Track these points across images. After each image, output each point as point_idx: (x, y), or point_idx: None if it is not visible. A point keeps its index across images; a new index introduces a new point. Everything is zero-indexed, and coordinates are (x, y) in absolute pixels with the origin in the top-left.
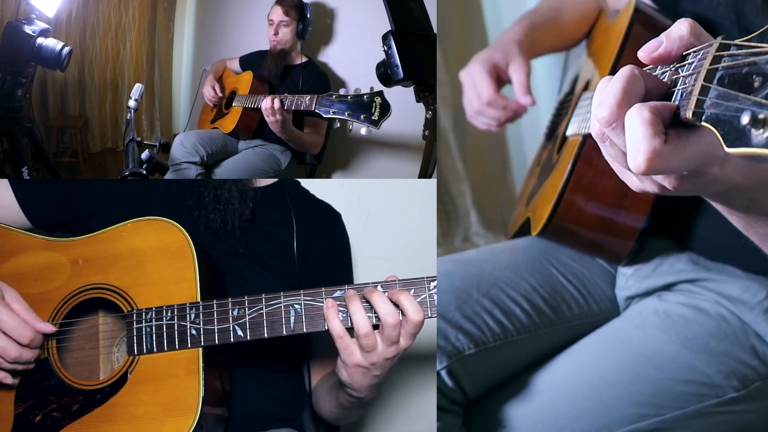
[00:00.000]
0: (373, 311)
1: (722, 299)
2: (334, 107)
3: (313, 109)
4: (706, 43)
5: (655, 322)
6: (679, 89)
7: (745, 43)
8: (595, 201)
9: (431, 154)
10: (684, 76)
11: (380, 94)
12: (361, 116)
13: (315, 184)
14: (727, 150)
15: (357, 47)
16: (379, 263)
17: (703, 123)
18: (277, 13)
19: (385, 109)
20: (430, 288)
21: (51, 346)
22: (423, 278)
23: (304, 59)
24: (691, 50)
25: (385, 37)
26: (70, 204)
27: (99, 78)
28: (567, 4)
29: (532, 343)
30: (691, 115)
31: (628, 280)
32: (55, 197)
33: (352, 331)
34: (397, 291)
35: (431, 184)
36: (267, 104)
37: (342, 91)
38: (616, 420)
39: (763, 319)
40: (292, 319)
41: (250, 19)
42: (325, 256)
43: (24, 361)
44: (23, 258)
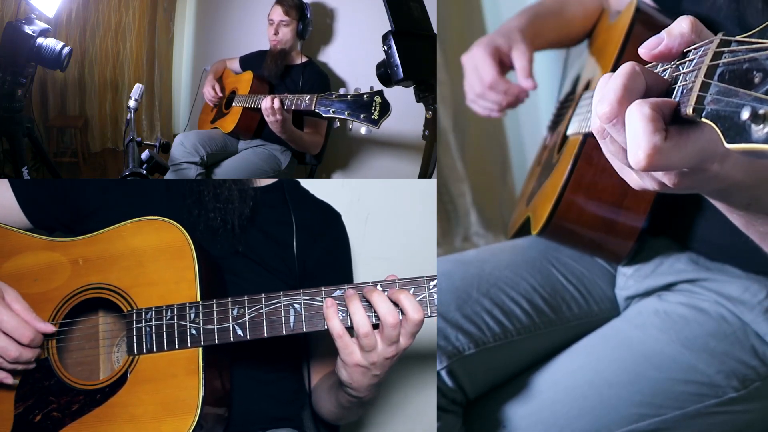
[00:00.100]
0: (372, 311)
1: (722, 299)
2: (334, 107)
3: (313, 108)
4: (707, 40)
5: (655, 322)
6: (680, 86)
7: (746, 40)
8: (596, 200)
9: (431, 154)
10: (684, 73)
11: (380, 93)
12: (361, 116)
13: (315, 184)
14: (728, 146)
15: (357, 47)
16: (379, 263)
17: (703, 119)
18: (277, 13)
19: (385, 109)
20: (430, 287)
21: (51, 346)
22: (422, 278)
23: (304, 59)
24: (692, 47)
25: (385, 37)
26: (70, 204)
27: (99, 78)
28: (571, 0)
29: (532, 343)
30: (691, 112)
31: (628, 280)
32: (55, 197)
33: (352, 330)
34: (397, 290)
35: (431, 184)
36: (267, 104)
37: (342, 91)
38: (616, 420)
39: (763, 319)
40: (292, 319)
41: (250, 19)
42: (325, 256)
43: (24, 361)
44: (23, 258)
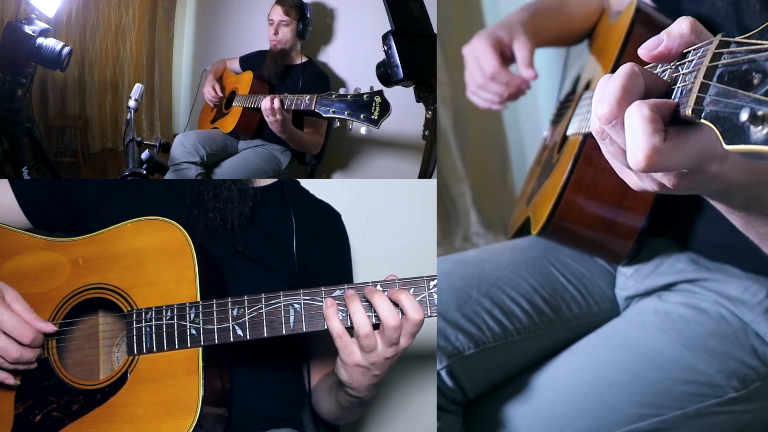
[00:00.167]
0: (372, 311)
1: (722, 299)
2: (334, 107)
3: (312, 108)
4: (707, 41)
5: (655, 322)
6: (679, 87)
7: (745, 41)
8: (596, 200)
9: (431, 154)
10: (684, 74)
11: (380, 93)
12: (361, 115)
13: (315, 184)
14: (726, 147)
15: (357, 47)
16: (379, 263)
17: (702, 120)
18: (277, 13)
19: (385, 109)
20: (430, 287)
21: (51, 346)
22: (422, 277)
23: (304, 59)
24: (692, 48)
25: (385, 37)
26: (70, 204)
27: (99, 78)
28: None
29: (532, 343)
30: (690, 113)
31: (628, 280)
32: (55, 197)
33: (352, 330)
34: (397, 290)
35: (431, 184)
36: (267, 104)
37: (342, 91)
38: (616, 420)
39: (763, 319)
40: (292, 319)
41: (250, 19)
42: (324, 256)
43: (25, 362)
44: (23, 258)
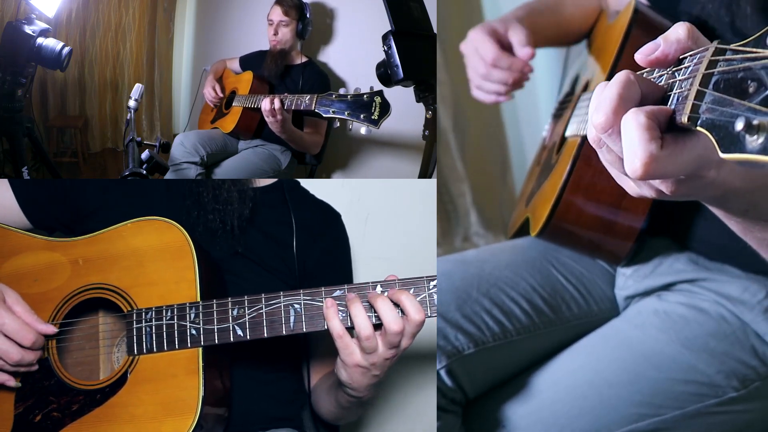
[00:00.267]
0: (372, 311)
1: (722, 299)
2: (334, 107)
3: (312, 108)
4: (703, 48)
5: (654, 322)
6: (676, 93)
7: (741, 48)
8: (594, 201)
9: (431, 154)
10: (680, 80)
11: (380, 93)
12: (361, 116)
13: (315, 184)
14: (722, 156)
15: (357, 47)
16: (379, 263)
17: (698, 128)
18: (277, 13)
19: (385, 109)
20: (430, 287)
21: (51, 346)
22: (422, 278)
23: (304, 59)
24: (688, 54)
25: (385, 37)
26: (70, 204)
27: (99, 78)
28: None
29: (531, 343)
30: (686, 120)
31: (628, 280)
32: (55, 197)
33: (352, 330)
34: (398, 291)
35: (431, 184)
36: (267, 104)
37: (342, 91)
38: (616, 420)
39: (763, 319)
40: (292, 319)
41: (250, 19)
42: (324, 256)
43: (26, 364)
44: (23, 258)
